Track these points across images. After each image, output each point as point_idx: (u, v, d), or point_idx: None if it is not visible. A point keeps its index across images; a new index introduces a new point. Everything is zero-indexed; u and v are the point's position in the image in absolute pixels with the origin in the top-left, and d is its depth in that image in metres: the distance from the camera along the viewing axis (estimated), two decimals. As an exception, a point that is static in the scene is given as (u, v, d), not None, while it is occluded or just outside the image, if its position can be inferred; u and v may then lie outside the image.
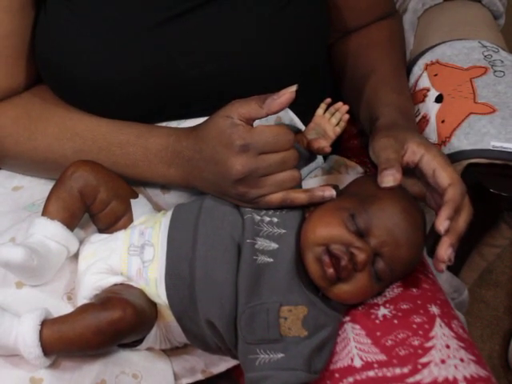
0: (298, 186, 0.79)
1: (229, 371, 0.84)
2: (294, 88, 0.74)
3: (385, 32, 1.05)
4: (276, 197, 0.77)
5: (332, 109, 0.92)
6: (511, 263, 1.73)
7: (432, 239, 0.92)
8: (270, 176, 0.75)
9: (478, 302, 1.64)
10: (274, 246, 0.76)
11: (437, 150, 0.79)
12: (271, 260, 0.75)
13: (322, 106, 0.92)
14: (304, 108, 0.89)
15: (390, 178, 0.76)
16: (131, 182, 0.87)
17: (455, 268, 1.11)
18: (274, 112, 0.75)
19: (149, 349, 0.82)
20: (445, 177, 0.76)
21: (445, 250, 0.74)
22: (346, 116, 0.92)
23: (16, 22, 0.89)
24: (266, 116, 0.75)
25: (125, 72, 0.84)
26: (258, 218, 0.78)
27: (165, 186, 0.89)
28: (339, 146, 0.98)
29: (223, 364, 0.83)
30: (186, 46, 0.85)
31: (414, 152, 0.79)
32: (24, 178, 0.96)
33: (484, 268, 1.15)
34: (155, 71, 0.85)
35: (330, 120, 0.91)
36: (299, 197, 0.77)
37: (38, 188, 0.94)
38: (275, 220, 0.78)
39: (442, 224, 0.73)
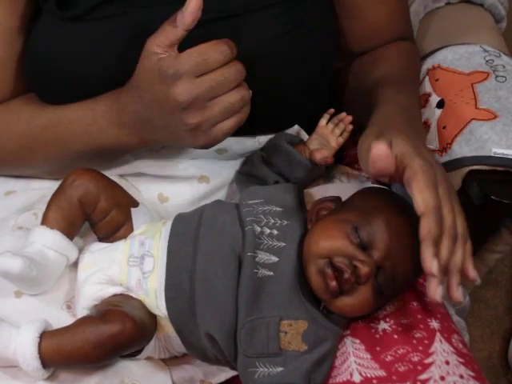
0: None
1: (228, 382, 0.84)
2: None
3: (393, 50, 1.00)
4: (229, 123, 0.75)
5: (335, 119, 0.91)
6: (511, 263, 1.73)
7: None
8: (217, 99, 0.73)
9: (478, 302, 1.64)
10: (274, 259, 0.76)
11: (418, 165, 0.70)
12: (271, 273, 0.75)
13: (325, 116, 0.91)
14: (306, 117, 0.88)
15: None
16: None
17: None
18: (190, 24, 0.72)
19: (148, 358, 0.81)
20: (419, 203, 0.68)
21: (455, 292, 0.70)
22: (350, 126, 0.91)
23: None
24: (185, 33, 0.73)
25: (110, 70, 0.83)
26: (259, 229, 0.77)
27: (161, 195, 0.88)
28: (342, 155, 0.97)
29: (222, 374, 0.83)
30: None
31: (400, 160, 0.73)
32: (16, 184, 0.95)
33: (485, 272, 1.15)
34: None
35: (334, 130, 0.90)
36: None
37: (31, 193, 0.93)
38: (275, 232, 0.77)
39: (431, 266, 0.67)
